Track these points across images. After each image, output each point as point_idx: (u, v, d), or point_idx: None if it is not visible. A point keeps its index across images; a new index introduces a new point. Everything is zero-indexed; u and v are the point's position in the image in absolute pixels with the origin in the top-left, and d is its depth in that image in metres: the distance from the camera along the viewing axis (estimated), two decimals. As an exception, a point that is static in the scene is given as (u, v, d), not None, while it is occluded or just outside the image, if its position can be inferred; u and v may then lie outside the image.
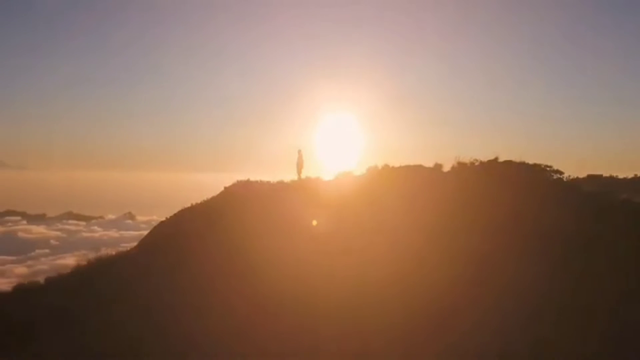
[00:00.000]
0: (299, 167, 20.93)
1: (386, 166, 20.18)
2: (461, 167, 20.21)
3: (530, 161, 21.21)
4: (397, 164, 20.46)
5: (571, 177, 21.16)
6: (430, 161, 20.50)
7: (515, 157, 20.75)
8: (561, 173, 20.49)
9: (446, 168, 20.44)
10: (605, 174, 38.63)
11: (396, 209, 18.54)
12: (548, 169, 20.47)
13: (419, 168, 20.61)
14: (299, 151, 21.16)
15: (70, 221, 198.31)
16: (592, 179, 36.64)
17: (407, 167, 20.51)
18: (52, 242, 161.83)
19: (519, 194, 19.31)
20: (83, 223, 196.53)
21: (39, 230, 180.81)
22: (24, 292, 16.55)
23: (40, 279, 17.41)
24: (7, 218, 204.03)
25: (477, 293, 16.42)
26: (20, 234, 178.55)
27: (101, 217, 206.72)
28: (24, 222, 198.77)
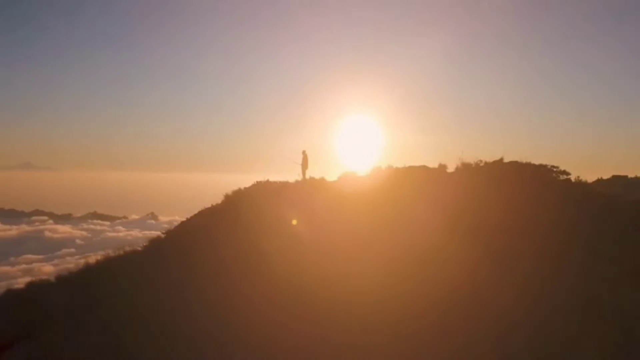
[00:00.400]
0: (304, 167, 21.16)
1: (390, 167, 20.27)
2: (465, 168, 20.16)
3: (540, 162, 20.99)
4: (401, 165, 20.54)
5: (579, 178, 20.80)
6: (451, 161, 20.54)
7: (522, 158, 20.56)
8: (568, 174, 20.21)
9: (450, 169, 20.42)
10: (631, 174, 37.74)
11: (399, 209, 18.58)
12: (555, 169, 20.22)
13: (423, 169, 20.62)
14: (304, 152, 21.39)
15: (95, 221, 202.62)
16: (617, 179, 36.02)
17: (411, 168, 20.54)
18: (78, 241, 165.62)
19: (524, 194, 19.16)
20: (107, 223, 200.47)
21: (65, 229, 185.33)
22: (36, 289, 17.09)
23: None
24: (35, 218, 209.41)
25: (485, 295, 16.36)
26: (47, 234, 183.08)
27: (125, 217, 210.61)
28: (51, 221, 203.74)
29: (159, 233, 20.21)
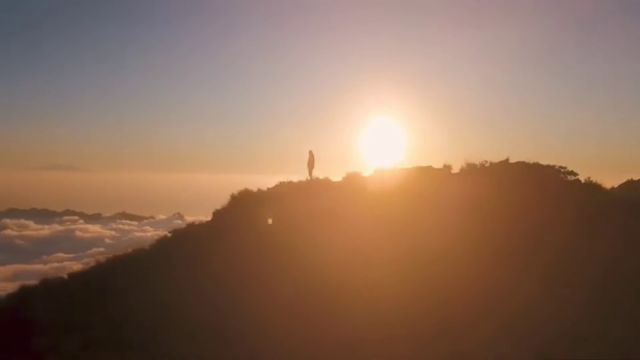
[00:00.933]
0: (310, 167, 21.40)
1: (394, 167, 20.36)
2: (470, 169, 20.11)
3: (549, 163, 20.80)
4: (407, 166, 20.61)
5: (590, 179, 20.55)
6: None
7: (529, 158, 20.42)
8: (575, 174, 20.01)
9: (455, 169, 20.39)
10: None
11: (402, 209, 18.66)
12: (562, 169, 20.03)
13: (427, 169, 20.67)
14: (310, 152, 21.65)
15: (124, 221, 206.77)
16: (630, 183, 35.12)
17: (416, 169, 20.61)
18: (107, 240, 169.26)
19: (532, 195, 19.03)
20: (135, 223, 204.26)
21: (95, 229, 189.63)
22: (49, 285, 17.76)
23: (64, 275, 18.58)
24: (66, 218, 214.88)
25: (505, 293, 16.27)
26: (78, 233, 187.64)
27: (152, 217, 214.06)
28: (81, 221, 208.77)
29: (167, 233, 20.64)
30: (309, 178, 20.99)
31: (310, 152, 21.63)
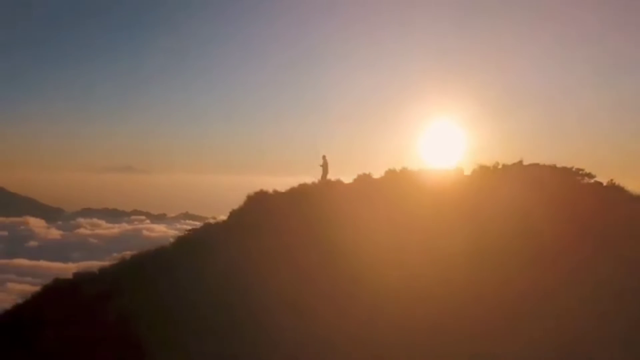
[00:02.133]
0: (324, 170, 22.02)
1: (404, 169, 20.55)
2: (483, 171, 19.95)
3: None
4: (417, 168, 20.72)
5: (613, 182, 19.85)
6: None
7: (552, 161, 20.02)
8: (592, 177, 19.37)
9: (467, 171, 20.28)
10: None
11: (416, 212, 18.70)
12: (580, 172, 19.46)
13: (439, 171, 20.68)
14: (324, 156, 22.27)
15: (187, 221, 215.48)
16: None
17: (427, 171, 20.68)
18: (172, 240, 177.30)
19: (547, 198, 18.66)
20: (198, 223, 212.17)
21: (160, 229, 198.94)
22: (80, 278, 19.35)
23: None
24: (134, 217, 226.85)
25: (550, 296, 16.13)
26: (145, 232, 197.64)
27: (214, 218, 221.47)
28: (148, 221, 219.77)
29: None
30: (323, 180, 21.60)
31: (324, 157, 22.26)
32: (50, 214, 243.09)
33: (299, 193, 21.14)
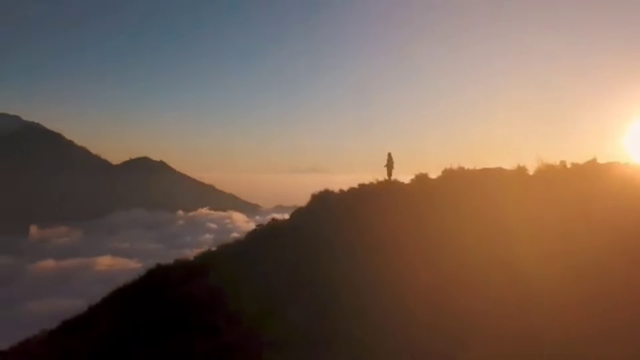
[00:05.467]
0: (389, 168, 22.01)
1: (461, 168, 19.42)
2: (548, 170, 17.84)
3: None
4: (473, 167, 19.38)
5: None
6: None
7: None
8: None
9: (531, 171, 18.30)
10: None
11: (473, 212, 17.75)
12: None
13: (498, 170, 19.05)
14: (389, 154, 22.27)
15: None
16: None
17: (485, 170, 19.20)
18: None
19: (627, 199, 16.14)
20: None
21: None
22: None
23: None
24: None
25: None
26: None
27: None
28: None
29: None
30: (387, 179, 21.65)
31: (389, 155, 22.29)
32: (249, 209, 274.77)
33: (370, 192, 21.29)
